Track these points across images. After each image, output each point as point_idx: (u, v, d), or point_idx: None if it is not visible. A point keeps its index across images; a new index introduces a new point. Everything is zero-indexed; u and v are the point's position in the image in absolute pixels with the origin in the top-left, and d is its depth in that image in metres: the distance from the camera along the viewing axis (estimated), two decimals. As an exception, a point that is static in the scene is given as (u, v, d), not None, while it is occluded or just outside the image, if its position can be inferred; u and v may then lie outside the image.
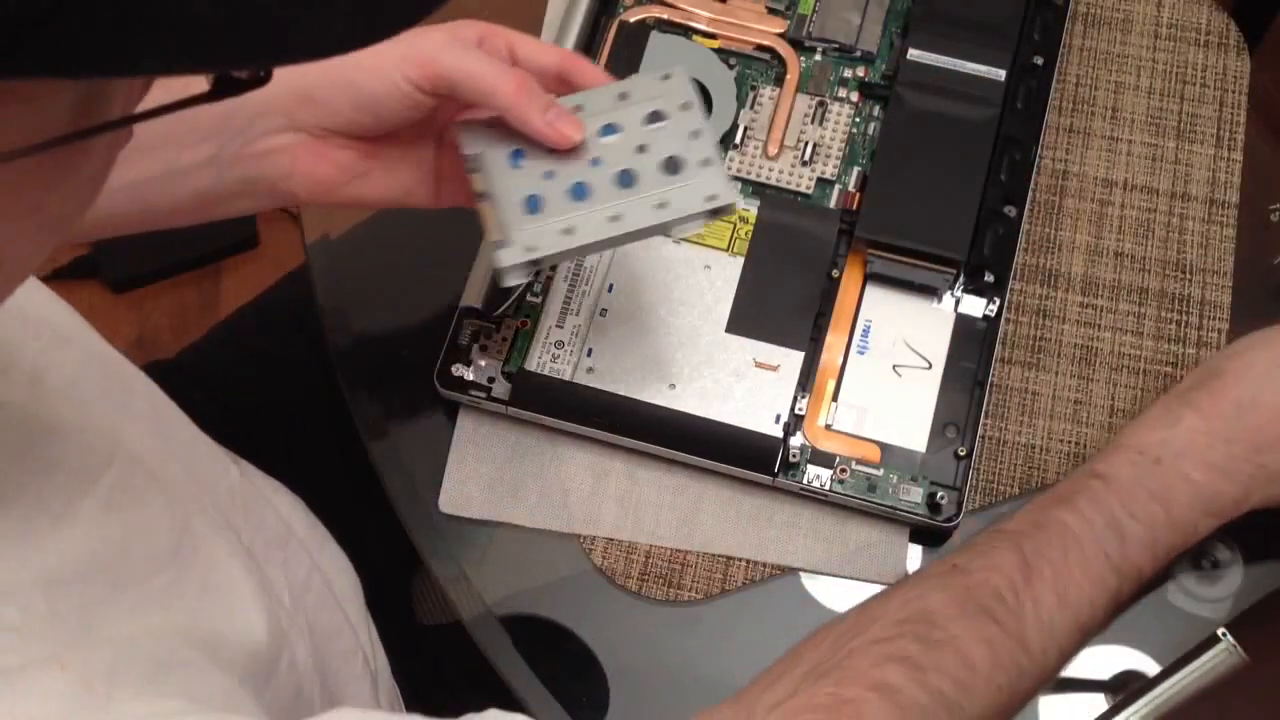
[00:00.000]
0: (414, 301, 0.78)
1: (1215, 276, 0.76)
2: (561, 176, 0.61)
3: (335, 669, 0.60)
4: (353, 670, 0.62)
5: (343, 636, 0.62)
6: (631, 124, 0.62)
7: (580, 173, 0.61)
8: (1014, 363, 0.74)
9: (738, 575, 0.70)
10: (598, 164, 0.61)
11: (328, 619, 0.61)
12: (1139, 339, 0.74)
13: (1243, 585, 0.69)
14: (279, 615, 0.53)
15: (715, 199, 0.60)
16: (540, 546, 0.72)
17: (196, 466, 0.56)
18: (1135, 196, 0.78)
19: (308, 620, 0.58)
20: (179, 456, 0.55)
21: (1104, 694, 0.68)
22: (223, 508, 0.56)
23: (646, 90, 0.63)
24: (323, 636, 0.60)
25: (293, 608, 0.57)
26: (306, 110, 0.60)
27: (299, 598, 0.58)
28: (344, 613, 0.63)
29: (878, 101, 0.78)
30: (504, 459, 0.72)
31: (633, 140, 0.62)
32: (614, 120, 0.62)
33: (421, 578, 0.86)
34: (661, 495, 0.72)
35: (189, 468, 0.56)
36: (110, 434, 0.49)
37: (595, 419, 0.71)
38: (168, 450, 0.55)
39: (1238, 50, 0.81)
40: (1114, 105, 0.80)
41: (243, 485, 0.59)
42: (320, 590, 0.61)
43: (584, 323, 0.73)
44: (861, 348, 0.72)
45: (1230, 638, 0.66)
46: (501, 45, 0.62)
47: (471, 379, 0.72)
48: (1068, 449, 0.72)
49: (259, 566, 0.55)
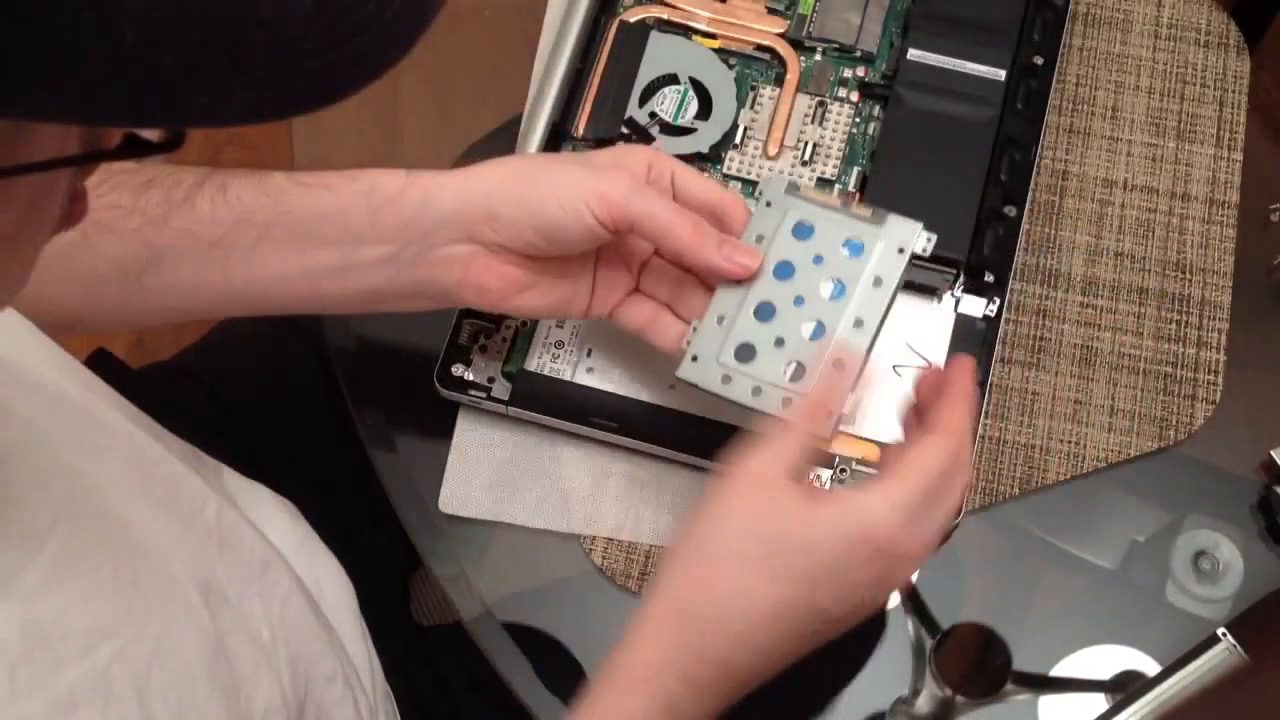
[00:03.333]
0: (414, 301, 0.78)
1: (1215, 276, 0.76)
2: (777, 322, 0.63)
3: (317, 696, 0.59)
4: (334, 693, 0.61)
5: (323, 662, 0.60)
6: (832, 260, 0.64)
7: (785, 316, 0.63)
8: (1014, 363, 0.74)
9: (738, 575, 0.70)
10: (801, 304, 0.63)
11: (310, 643, 0.60)
12: (1139, 339, 0.74)
13: (1243, 585, 0.69)
14: (244, 663, 0.52)
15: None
16: (540, 546, 0.72)
17: (173, 507, 0.55)
18: (1135, 196, 0.78)
19: (287, 650, 0.57)
20: (153, 499, 0.54)
21: (1104, 694, 0.68)
22: (198, 545, 0.55)
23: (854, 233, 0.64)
24: (304, 661, 0.59)
25: (270, 641, 0.56)
26: (489, 226, 0.63)
27: (276, 628, 0.57)
28: (327, 634, 0.62)
29: (878, 101, 0.78)
30: (504, 459, 0.72)
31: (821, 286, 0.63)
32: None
33: (421, 578, 0.86)
34: (661, 495, 0.72)
35: (166, 509, 0.54)
36: (69, 486, 0.48)
37: (595, 419, 0.71)
38: (142, 494, 0.53)
39: (1238, 50, 0.81)
40: (1114, 105, 0.80)
41: (219, 518, 0.58)
42: (300, 611, 0.60)
43: (584, 323, 0.73)
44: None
45: (1230, 638, 0.66)
46: (666, 174, 0.65)
47: (471, 379, 0.72)
48: (1068, 449, 0.72)
49: (232, 609, 0.54)
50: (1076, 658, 0.69)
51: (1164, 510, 0.72)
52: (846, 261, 0.63)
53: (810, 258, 0.63)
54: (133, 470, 0.54)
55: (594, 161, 0.65)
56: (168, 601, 0.50)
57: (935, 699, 0.65)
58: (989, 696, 0.67)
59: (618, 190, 0.61)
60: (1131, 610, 0.70)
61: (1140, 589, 0.70)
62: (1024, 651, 0.67)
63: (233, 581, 0.55)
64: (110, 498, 0.50)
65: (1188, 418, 0.73)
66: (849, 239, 0.63)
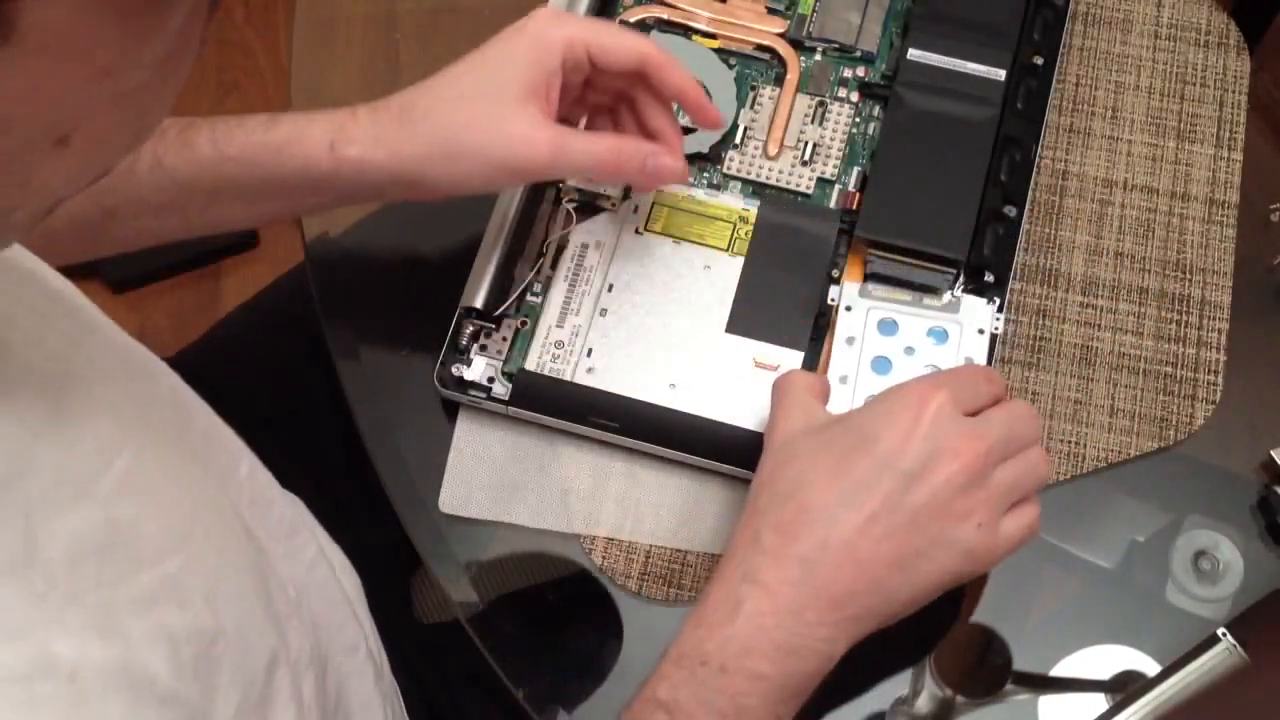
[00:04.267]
0: (414, 301, 0.78)
1: (1215, 276, 0.76)
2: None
3: (338, 663, 0.60)
4: (355, 663, 0.62)
5: (347, 629, 0.62)
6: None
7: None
8: (1014, 363, 0.74)
9: (738, 575, 0.70)
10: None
11: (332, 611, 0.61)
12: (1139, 339, 0.74)
13: (1243, 585, 0.69)
14: (281, 605, 0.53)
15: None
16: (540, 546, 0.72)
17: (211, 457, 0.57)
18: (1135, 196, 0.78)
19: (312, 613, 0.58)
20: (194, 446, 0.56)
21: (1104, 694, 0.68)
22: (232, 498, 0.57)
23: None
24: (326, 629, 0.60)
25: (297, 599, 0.57)
26: (424, 188, 0.68)
27: (303, 590, 0.59)
28: (349, 604, 0.63)
29: (878, 101, 0.78)
30: (504, 459, 0.72)
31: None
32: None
33: (421, 577, 0.86)
34: (661, 495, 0.72)
35: (204, 457, 0.56)
36: (128, 418, 0.50)
37: (595, 419, 0.71)
38: (182, 439, 0.55)
39: (1238, 50, 0.81)
40: (1114, 105, 0.80)
41: (253, 476, 0.60)
42: (325, 580, 0.62)
43: (584, 323, 0.73)
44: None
45: (1230, 638, 0.66)
46: (582, 53, 0.67)
47: (471, 379, 0.72)
48: (1068, 449, 0.72)
49: (266, 560, 0.55)
50: (1076, 658, 0.69)
51: (1164, 510, 0.72)
52: (935, 349, 0.71)
53: (902, 350, 0.71)
54: (175, 416, 0.56)
55: (505, 84, 0.66)
56: (224, 529, 0.52)
57: (935, 699, 0.66)
58: (989, 696, 0.67)
59: (538, 161, 0.66)
60: (1131, 610, 0.70)
61: (1140, 589, 0.70)
62: (1024, 651, 0.67)
63: (261, 536, 0.57)
64: (157, 437, 0.52)
65: (1188, 418, 0.73)
66: (931, 328, 0.71)
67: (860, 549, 0.57)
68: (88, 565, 0.42)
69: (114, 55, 0.34)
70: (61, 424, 0.45)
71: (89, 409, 0.47)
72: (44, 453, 0.44)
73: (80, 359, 0.50)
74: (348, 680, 0.61)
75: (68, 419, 0.46)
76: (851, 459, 0.58)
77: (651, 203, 0.76)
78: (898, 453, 0.58)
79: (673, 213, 0.75)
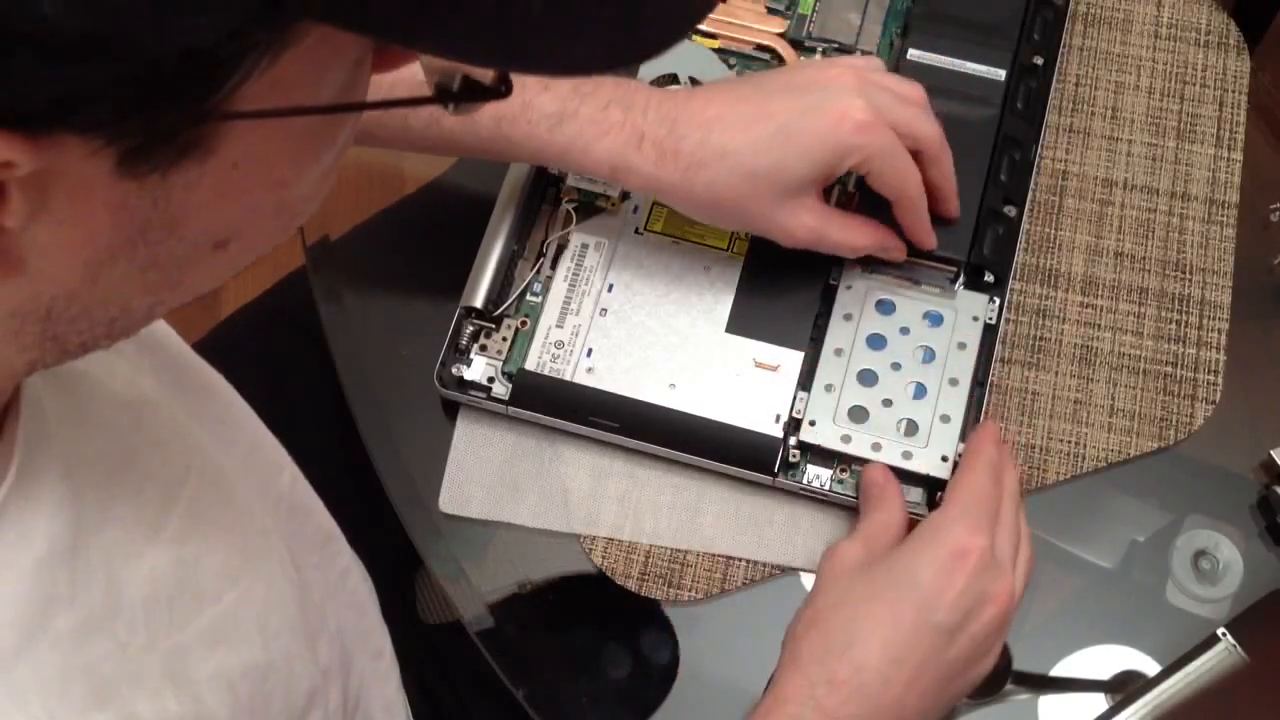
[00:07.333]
0: (414, 301, 0.78)
1: (1215, 276, 0.76)
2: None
3: (360, 668, 0.61)
4: (379, 669, 0.63)
5: (372, 637, 0.62)
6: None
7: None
8: (1014, 363, 0.74)
9: (738, 575, 0.70)
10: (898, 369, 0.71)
11: (359, 618, 0.62)
12: (1139, 339, 0.74)
13: (1242, 585, 0.69)
14: (314, 621, 0.54)
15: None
16: (540, 546, 0.72)
17: (253, 470, 0.58)
18: (1135, 196, 0.78)
19: (338, 620, 0.59)
20: (242, 460, 0.57)
21: (1104, 694, 0.68)
22: (270, 509, 0.57)
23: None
24: (351, 635, 0.60)
25: (324, 609, 0.58)
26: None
27: (332, 598, 0.59)
28: (376, 611, 0.64)
29: (878, 101, 0.78)
30: (504, 459, 0.72)
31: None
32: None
33: (421, 577, 0.86)
34: (661, 495, 0.72)
35: (247, 471, 0.57)
36: (188, 441, 0.50)
37: (595, 419, 0.71)
38: (230, 455, 0.56)
39: (1238, 50, 0.81)
40: (1114, 105, 0.80)
41: (294, 486, 0.60)
42: (355, 587, 0.62)
43: (584, 323, 0.73)
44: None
45: (1230, 638, 0.66)
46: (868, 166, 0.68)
47: (471, 379, 0.72)
48: (1068, 449, 0.72)
49: (301, 577, 0.56)
50: (1076, 658, 0.69)
51: (1164, 510, 0.72)
52: (930, 331, 0.72)
53: (897, 329, 0.72)
54: (225, 430, 0.57)
55: (798, 178, 0.67)
56: (268, 555, 0.53)
57: (935, 699, 0.66)
58: (989, 696, 0.67)
59: (791, 242, 0.69)
60: (1131, 610, 0.70)
61: (1140, 589, 0.70)
62: (1024, 651, 0.67)
63: (295, 548, 0.57)
64: (211, 454, 0.52)
65: (1188, 418, 0.73)
66: (928, 312, 0.72)
67: (907, 705, 0.61)
68: (160, 609, 0.43)
69: (290, 170, 0.35)
70: (131, 463, 0.45)
71: (156, 439, 0.47)
72: (120, 495, 0.44)
73: (147, 383, 0.50)
74: (370, 685, 0.61)
75: (139, 457, 0.46)
76: (899, 613, 0.61)
77: (652, 203, 0.76)
78: (943, 608, 0.61)
79: (673, 213, 0.75)
